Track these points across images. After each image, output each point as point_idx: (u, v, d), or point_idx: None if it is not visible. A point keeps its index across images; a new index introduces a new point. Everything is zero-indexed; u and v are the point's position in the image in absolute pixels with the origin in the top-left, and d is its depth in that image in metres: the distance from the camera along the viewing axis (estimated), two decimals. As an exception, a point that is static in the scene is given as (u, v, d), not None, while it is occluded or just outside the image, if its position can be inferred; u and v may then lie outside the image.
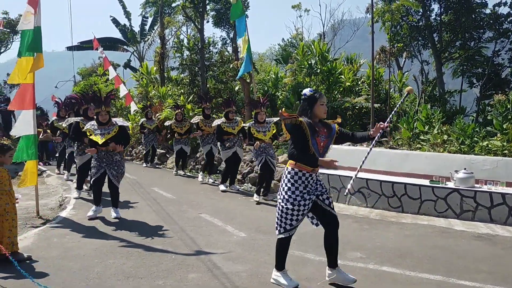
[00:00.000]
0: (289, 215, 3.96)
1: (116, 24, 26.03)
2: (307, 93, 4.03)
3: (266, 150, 8.08)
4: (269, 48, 35.89)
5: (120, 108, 19.69)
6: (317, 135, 3.93)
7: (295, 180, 3.94)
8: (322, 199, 4.06)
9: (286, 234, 4.04)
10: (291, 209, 3.93)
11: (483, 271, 4.49)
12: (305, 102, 4.04)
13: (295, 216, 3.97)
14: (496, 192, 6.48)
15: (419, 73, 18.77)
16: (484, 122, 11.94)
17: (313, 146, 3.90)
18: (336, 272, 4.10)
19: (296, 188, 3.94)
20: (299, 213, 3.96)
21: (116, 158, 6.71)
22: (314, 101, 3.99)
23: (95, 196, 6.82)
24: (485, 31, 17.23)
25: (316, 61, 14.13)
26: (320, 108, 3.99)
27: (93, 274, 4.38)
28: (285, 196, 3.97)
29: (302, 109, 4.07)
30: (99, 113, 6.65)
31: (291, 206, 3.93)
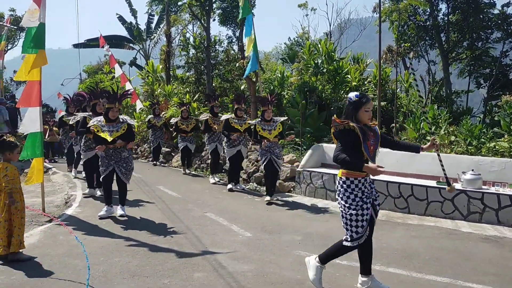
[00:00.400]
0: (354, 221, 3.81)
1: (122, 22, 26.09)
2: (352, 98, 3.86)
3: (271, 150, 8.02)
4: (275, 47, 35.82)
5: (126, 106, 19.72)
6: (368, 139, 3.82)
7: (352, 189, 3.83)
8: (374, 205, 3.95)
9: (356, 242, 3.85)
10: (355, 214, 3.79)
11: (491, 273, 4.45)
12: (350, 106, 3.88)
13: (360, 222, 3.80)
14: (504, 194, 6.42)
15: (426, 73, 18.67)
16: (491, 123, 11.86)
17: (365, 150, 3.79)
18: (370, 279, 3.99)
19: (356, 195, 3.83)
20: (363, 218, 3.80)
21: (124, 154, 6.69)
22: (359, 106, 3.83)
23: (106, 195, 6.80)
24: (493, 31, 17.11)
25: (323, 61, 14.07)
26: (365, 114, 3.84)
27: (98, 272, 4.38)
28: (345, 204, 3.85)
29: (346, 113, 3.91)
30: (111, 109, 6.63)
31: (354, 211, 3.80)
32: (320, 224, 6.50)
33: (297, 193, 8.89)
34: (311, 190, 8.57)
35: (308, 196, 8.59)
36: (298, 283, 4.16)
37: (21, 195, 4.82)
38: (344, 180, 3.87)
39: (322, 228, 6.22)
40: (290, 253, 5.04)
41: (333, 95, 13.84)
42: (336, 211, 7.37)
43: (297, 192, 8.90)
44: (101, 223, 6.37)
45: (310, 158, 9.04)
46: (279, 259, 4.83)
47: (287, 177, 9.41)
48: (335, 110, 13.47)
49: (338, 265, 4.65)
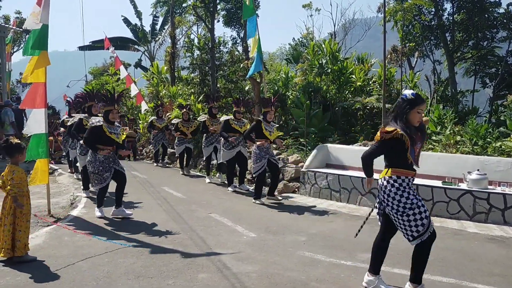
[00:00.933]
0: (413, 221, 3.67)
1: (127, 23, 26.22)
2: (408, 95, 3.67)
3: (268, 151, 8.05)
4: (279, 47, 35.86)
5: (131, 107, 19.80)
6: (415, 143, 3.68)
7: (404, 187, 3.70)
8: None
9: (420, 238, 3.69)
10: (413, 213, 3.65)
11: (496, 274, 4.42)
12: (403, 104, 3.66)
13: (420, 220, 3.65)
14: (510, 194, 6.38)
15: (431, 73, 18.60)
16: (497, 123, 11.78)
17: (411, 155, 3.68)
18: (376, 279, 3.94)
19: (408, 193, 3.70)
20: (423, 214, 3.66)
21: (116, 156, 6.85)
22: (414, 105, 3.63)
23: (102, 197, 6.87)
24: (499, 30, 17.02)
25: (327, 61, 14.04)
26: (416, 115, 3.65)
27: (103, 273, 4.39)
28: (399, 204, 3.69)
29: (397, 111, 3.72)
30: (111, 111, 6.65)
31: (411, 211, 3.65)
32: (324, 225, 6.48)
33: (301, 193, 8.88)
34: (315, 191, 8.56)
35: (312, 196, 8.57)
36: (303, 283, 4.14)
37: (28, 198, 4.81)
38: (395, 178, 3.72)
39: (327, 229, 6.20)
40: (294, 254, 5.03)
41: (337, 95, 13.81)
42: (340, 211, 7.36)
43: (302, 192, 8.88)
44: (106, 224, 6.39)
45: (314, 158, 9.02)
46: (283, 260, 4.82)
47: (292, 177, 9.40)
48: (339, 110, 13.45)
49: (343, 266, 4.64)
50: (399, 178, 3.71)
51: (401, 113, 3.66)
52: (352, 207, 7.69)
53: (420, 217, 3.65)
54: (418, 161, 3.79)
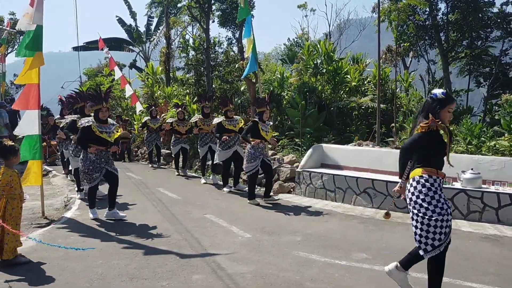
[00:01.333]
0: (438, 228, 3.44)
1: (122, 24, 26.15)
2: (438, 95, 3.56)
3: (263, 152, 8.04)
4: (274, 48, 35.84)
5: (126, 108, 19.75)
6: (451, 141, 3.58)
7: (436, 188, 3.53)
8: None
9: (435, 251, 3.50)
10: (441, 220, 3.44)
11: (491, 273, 4.43)
12: (434, 104, 3.55)
13: (444, 228, 3.45)
14: (504, 193, 6.41)
15: (425, 72, 18.68)
16: (491, 122, 11.86)
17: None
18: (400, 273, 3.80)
19: (440, 196, 3.50)
20: (447, 223, 3.46)
21: (110, 155, 6.81)
22: (445, 104, 3.53)
23: (93, 198, 6.84)
24: (493, 30, 17.13)
25: (322, 61, 14.08)
26: (447, 114, 3.56)
27: (97, 275, 4.37)
28: (428, 207, 3.47)
29: (427, 111, 3.58)
30: (100, 110, 6.61)
31: (440, 216, 3.43)
32: (319, 224, 6.48)
33: (297, 193, 8.88)
34: (310, 191, 8.56)
35: (308, 196, 8.58)
36: (297, 284, 4.14)
37: (19, 201, 4.75)
38: (427, 178, 3.53)
39: (322, 229, 6.20)
40: (289, 254, 5.02)
41: (332, 96, 13.84)
42: (335, 211, 7.37)
43: (297, 192, 8.88)
44: (100, 226, 6.36)
45: (309, 158, 9.02)
46: (278, 260, 4.81)
47: (287, 177, 9.40)
48: (334, 110, 13.48)
49: (337, 265, 4.64)
50: (431, 177, 3.53)
51: (432, 112, 3.53)
52: (347, 207, 7.69)
53: (446, 225, 3.45)
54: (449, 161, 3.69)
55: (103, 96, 6.68)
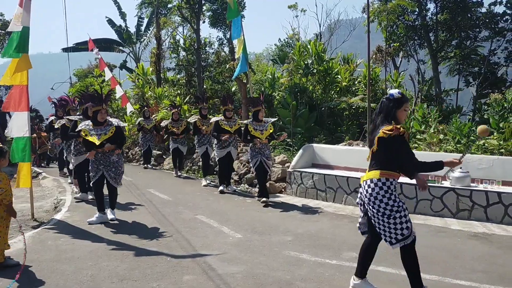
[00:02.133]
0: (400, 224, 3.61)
1: (111, 25, 25.99)
2: (395, 95, 3.63)
3: (262, 151, 8.01)
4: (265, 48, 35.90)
5: (117, 109, 19.64)
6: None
7: (392, 190, 3.65)
8: None
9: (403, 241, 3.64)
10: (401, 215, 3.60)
11: (479, 271, 4.48)
12: (390, 104, 3.64)
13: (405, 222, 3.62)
14: (492, 191, 6.48)
15: (415, 72, 18.80)
16: (480, 121, 11.95)
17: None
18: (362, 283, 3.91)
19: (396, 196, 3.65)
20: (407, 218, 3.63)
21: (113, 159, 6.59)
22: (400, 104, 3.62)
23: (97, 200, 6.70)
24: (481, 30, 17.29)
25: (313, 61, 14.13)
26: (403, 114, 3.66)
27: (86, 277, 4.34)
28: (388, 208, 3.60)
29: (386, 111, 3.66)
30: (99, 111, 6.58)
31: (399, 213, 3.60)
32: (310, 224, 6.50)
33: (288, 193, 8.90)
34: (302, 191, 8.58)
35: (299, 196, 8.60)
36: (288, 283, 4.15)
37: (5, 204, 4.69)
38: (384, 181, 3.63)
39: (313, 228, 6.22)
40: (280, 254, 5.03)
41: (323, 96, 13.90)
42: (326, 210, 7.39)
43: (288, 192, 8.90)
44: (90, 227, 6.32)
45: (300, 158, 9.05)
46: (269, 260, 4.82)
47: (278, 177, 9.41)
48: (325, 110, 13.53)
49: (327, 265, 4.66)
50: (388, 180, 3.64)
51: (390, 113, 3.63)
52: (338, 206, 7.73)
53: (405, 220, 3.61)
54: None
55: (103, 98, 6.65)
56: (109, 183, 6.62)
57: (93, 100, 6.69)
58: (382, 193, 3.62)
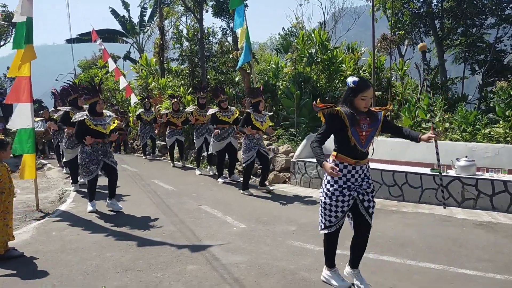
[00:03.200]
0: (327, 211, 3.69)
1: (115, 15, 25.90)
2: (350, 83, 3.60)
3: (259, 142, 8.01)
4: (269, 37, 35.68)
5: (121, 100, 19.65)
6: (358, 124, 3.57)
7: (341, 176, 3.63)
8: (361, 199, 3.71)
9: (326, 230, 3.77)
10: (329, 204, 3.66)
11: (485, 260, 4.45)
12: (348, 91, 3.65)
13: (333, 212, 3.67)
14: (498, 180, 6.42)
15: (420, 60, 18.58)
16: (486, 110, 11.83)
17: (353, 136, 3.57)
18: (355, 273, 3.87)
19: (335, 182, 3.65)
20: (337, 209, 3.66)
21: (109, 148, 6.74)
22: (356, 93, 3.57)
23: (93, 191, 6.75)
24: (487, 17, 17.02)
25: (317, 50, 13.99)
26: (361, 102, 3.58)
27: (91, 267, 4.36)
28: (324, 189, 3.71)
29: (344, 97, 3.68)
30: (97, 102, 6.56)
31: (329, 201, 3.65)
32: (314, 214, 6.45)
33: (292, 183, 8.88)
34: (305, 180, 8.56)
35: (303, 186, 8.58)
36: (291, 273, 4.15)
37: (8, 196, 4.65)
38: (330, 162, 3.67)
39: (317, 218, 6.18)
40: (284, 244, 5.03)
41: (327, 85, 13.79)
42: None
43: (292, 182, 8.88)
44: (95, 218, 6.35)
45: (304, 148, 9.01)
46: (273, 250, 4.82)
47: (282, 167, 9.39)
48: (330, 99, 13.44)
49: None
50: (334, 162, 3.67)
51: (348, 99, 3.63)
52: (342, 196, 7.70)
53: (335, 210, 3.66)
54: (367, 144, 3.68)
55: (98, 89, 6.64)
56: (112, 169, 6.64)
57: (87, 92, 6.67)
58: (326, 174, 3.68)
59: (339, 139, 3.67)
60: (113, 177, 6.72)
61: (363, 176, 3.76)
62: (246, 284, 3.90)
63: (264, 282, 3.94)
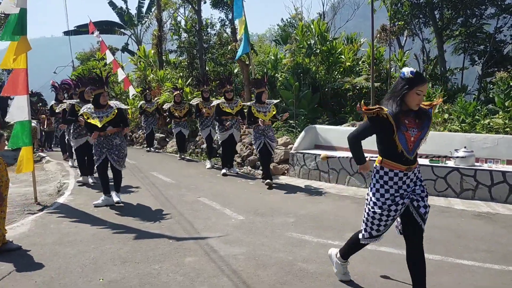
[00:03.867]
0: (376, 220, 3.34)
1: (113, 7, 25.75)
2: (406, 74, 3.13)
3: (265, 133, 7.96)
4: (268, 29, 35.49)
5: (119, 92, 19.57)
6: (406, 129, 3.15)
7: (385, 181, 3.27)
8: (416, 206, 3.29)
9: (372, 239, 3.48)
10: (379, 213, 3.29)
11: (483, 250, 4.45)
12: (401, 84, 3.14)
13: (383, 222, 3.33)
14: (497, 170, 6.41)
15: (420, 51, 18.54)
16: (486, 100, 11.80)
17: (400, 142, 3.17)
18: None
19: (387, 191, 3.27)
20: (388, 218, 3.32)
21: (116, 142, 6.57)
22: (412, 85, 3.09)
23: (103, 183, 6.68)
24: (487, 7, 16.91)
25: (316, 41, 13.92)
26: (415, 98, 3.11)
27: (89, 259, 4.35)
28: (372, 198, 3.35)
29: (393, 91, 3.21)
30: (101, 94, 6.53)
31: (379, 210, 3.29)
32: (313, 205, 6.48)
33: (291, 175, 8.87)
34: (304, 172, 8.55)
35: (302, 178, 8.57)
36: (289, 264, 4.14)
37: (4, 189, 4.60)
38: (378, 169, 3.33)
39: (315, 210, 6.20)
40: (282, 235, 5.02)
41: (326, 76, 13.74)
42: (329, 192, 7.37)
43: (291, 174, 8.87)
44: (93, 210, 6.33)
45: (303, 140, 8.99)
46: (271, 242, 4.81)
47: (281, 159, 9.38)
48: (329, 91, 13.39)
49: (330, 245, 4.61)
50: (382, 169, 3.31)
51: (398, 93, 3.14)
52: (340, 188, 7.70)
53: (384, 219, 3.32)
54: (415, 150, 3.26)
55: (104, 81, 6.60)
56: (113, 167, 6.61)
57: (94, 83, 6.63)
58: (375, 178, 3.35)
59: (384, 144, 3.28)
60: (115, 174, 6.68)
61: (415, 180, 3.36)
62: (244, 276, 3.90)
63: (262, 274, 3.93)
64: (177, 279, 3.86)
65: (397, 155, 3.23)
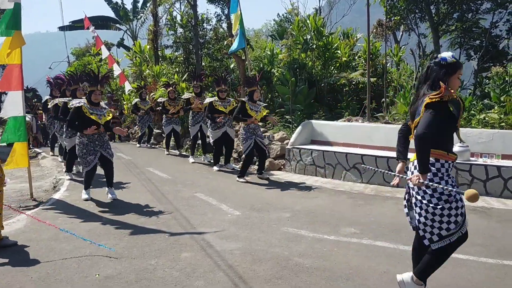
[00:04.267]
0: (445, 217, 3.00)
1: (108, 2, 25.58)
2: (449, 59, 2.98)
3: (255, 132, 7.98)
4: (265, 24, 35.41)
5: (115, 88, 19.50)
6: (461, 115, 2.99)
7: (443, 174, 3.01)
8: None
9: (445, 241, 3.08)
10: (448, 207, 2.98)
11: (478, 244, 4.47)
12: (442, 70, 2.97)
13: (454, 216, 3.01)
14: (492, 165, 6.44)
15: (416, 46, 18.53)
16: (481, 95, 11.83)
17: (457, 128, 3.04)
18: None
19: (446, 182, 3.00)
20: (457, 212, 3.01)
21: (106, 138, 6.67)
22: (455, 70, 2.98)
23: (89, 181, 6.72)
24: (483, 2, 16.92)
25: (312, 37, 13.89)
26: (457, 82, 3.02)
27: (85, 255, 4.35)
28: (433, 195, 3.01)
29: (435, 78, 2.99)
30: (93, 92, 6.51)
31: (447, 204, 2.98)
32: (309, 201, 6.50)
33: (287, 170, 8.88)
34: (300, 167, 8.56)
35: (298, 173, 8.58)
36: (285, 259, 4.15)
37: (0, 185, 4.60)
38: (433, 162, 3.01)
39: (311, 205, 6.22)
40: (278, 230, 5.04)
41: (323, 72, 13.72)
42: (325, 187, 7.38)
43: (287, 169, 8.88)
44: (89, 206, 6.33)
45: (299, 135, 9.00)
46: (267, 237, 4.82)
47: (277, 155, 9.38)
48: (325, 86, 13.39)
49: (326, 240, 4.66)
50: (438, 161, 3.01)
51: (438, 80, 2.94)
52: (336, 183, 7.72)
53: (455, 213, 3.01)
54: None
55: (99, 79, 6.58)
56: (108, 160, 6.61)
57: (89, 80, 6.62)
58: (429, 177, 3.01)
59: (440, 131, 2.96)
60: (109, 168, 6.68)
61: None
62: (240, 271, 3.90)
63: (258, 268, 3.94)
64: (173, 274, 3.87)
65: (449, 143, 3.05)
